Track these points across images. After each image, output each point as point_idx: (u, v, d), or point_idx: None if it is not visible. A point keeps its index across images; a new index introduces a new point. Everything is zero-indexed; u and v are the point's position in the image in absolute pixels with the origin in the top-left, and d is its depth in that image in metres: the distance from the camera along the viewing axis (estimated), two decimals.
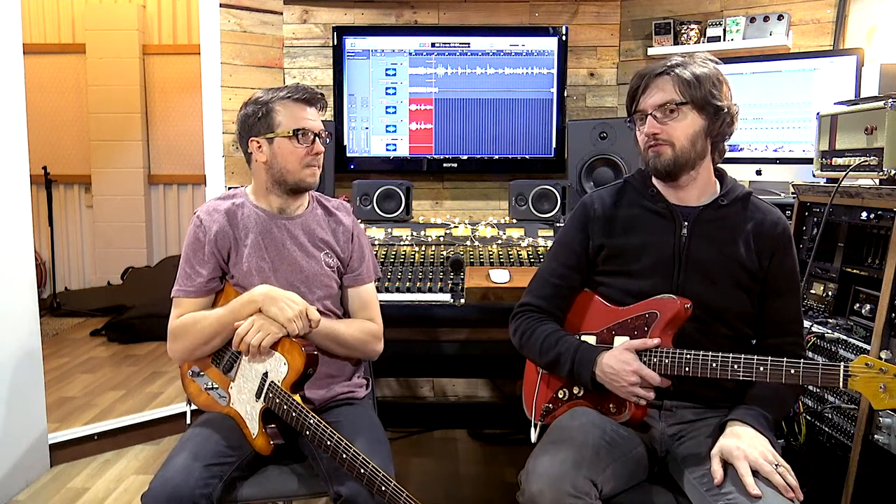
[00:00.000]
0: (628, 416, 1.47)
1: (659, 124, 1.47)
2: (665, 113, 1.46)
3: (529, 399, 1.65)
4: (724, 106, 1.47)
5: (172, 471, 1.46)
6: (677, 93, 1.45)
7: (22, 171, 2.56)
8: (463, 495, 2.58)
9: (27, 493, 2.55)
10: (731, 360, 1.37)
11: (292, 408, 1.51)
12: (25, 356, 2.59)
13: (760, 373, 1.34)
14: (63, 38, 5.37)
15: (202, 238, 1.68)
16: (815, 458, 1.77)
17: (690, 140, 1.47)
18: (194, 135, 5.04)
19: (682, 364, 1.41)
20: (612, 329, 1.53)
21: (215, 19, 2.94)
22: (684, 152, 1.47)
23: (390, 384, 3.26)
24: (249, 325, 1.55)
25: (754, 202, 1.55)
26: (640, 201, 1.58)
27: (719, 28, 2.79)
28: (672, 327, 1.46)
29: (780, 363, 1.33)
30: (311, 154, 1.68)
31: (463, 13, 3.09)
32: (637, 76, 1.53)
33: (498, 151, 3.04)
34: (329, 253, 1.75)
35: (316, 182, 1.73)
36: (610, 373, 1.44)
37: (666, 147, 1.47)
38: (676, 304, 1.45)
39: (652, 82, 1.49)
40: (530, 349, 1.60)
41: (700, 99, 1.45)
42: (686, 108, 1.46)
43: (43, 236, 5.19)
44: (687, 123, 1.46)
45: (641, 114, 1.51)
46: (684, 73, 1.46)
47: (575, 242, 1.61)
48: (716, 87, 1.46)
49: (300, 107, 1.68)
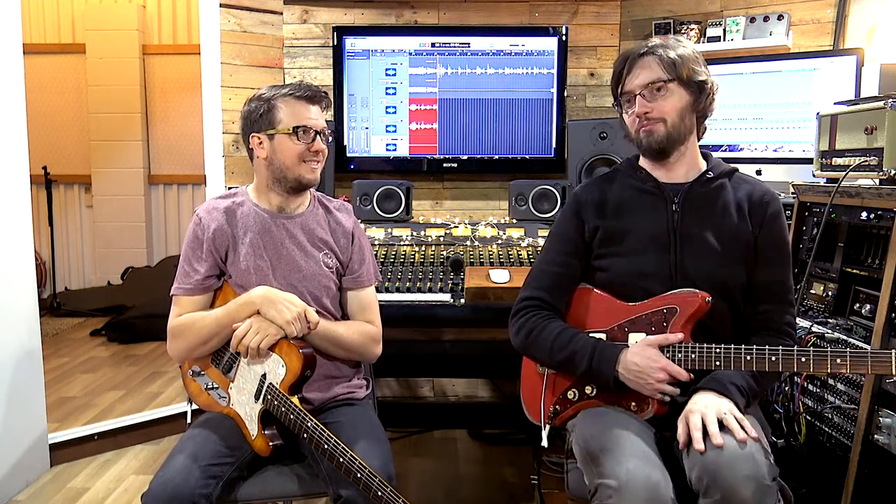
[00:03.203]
0: (651, 413, 1.44)
1: (648, 103, 1.49)
2: (652, 91, 1.48)
3: (533, 402, 1.61)
4: (707, 81, 1.50)
5: (172, 471, 1.46)
6: (663, 71, 1.48)
7: (22, 171, 2.56)
8: (463, 495, 2.58)
9: (27, 493, 2.55)
10: (767, 352, 1.33)
11: (290, 410, 1.51)
12: (25, 356, 2.59)
13: (802, 363, 1.30)
14: (63, 38, 5.37)
15: (200, 236, 1.68)
16: (815, 458, 1.77)
17: (679, 115, 1.50)
18: (194, 135, 5.04)
19: (710, 358, 1.38)
20: (624, 326, 1.50)
21: (215, 19, 2.94)
22: (675, 127, 1.50)
23: (390, 384, 3.26)
24: (247, 327, 1.55)
25: (740, 176, 1.58)
26: (629, 183, 1.59)
27: (719, 28, 2.79)
28: (692, 321, 1.44)
29: (825, 353, 1.28)
30: (311, 151, 1.67)
31: (463, 13, 3.09)
32: (620, 59, 1.55)
33: (498, 151, 3.04)
34: (328, 253, 1.75)
35: (316, 179, 1.72)
36: (635, 370, 1.41)
37: (658, 124, 1.49)
38: (697, 297, 1.43)
39: (636, 63, 1.51)
40: (538, 348, 1.56)
41: (685, 76, 1.48)
42: (673, 84, 1.48)
43: (43, 236, 5.19)
44: (675, 99, 1.49)
45: (629, 95, 1.52)
46: (667, 52, 1.49)
47: (570, 229, 1.60)
48: (696, 64, 1.50)
49: (302, 104, 1.67)
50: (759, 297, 1.52)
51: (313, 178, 1.70)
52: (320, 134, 1.69)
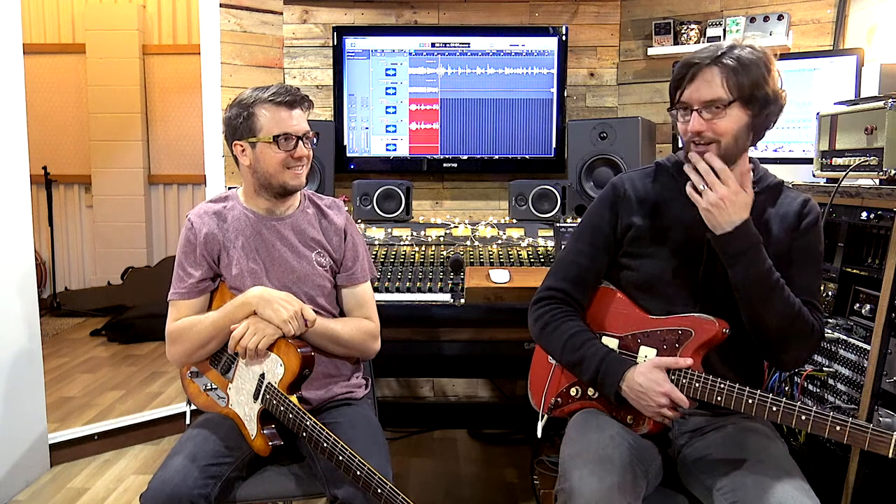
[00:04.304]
0: (646, 429, 1.44)
1: (704, 121, 1.39)
2: (711, 110, 1.38)
3: (537, 389, 1.62)
4: (770, 98, 1.39)
5: (171, 471, 1.46)
6: (725, 89, 1.36)
7: (22, 171, 2.56)
8: (463, 495, 2.58)
9: (27, 493, 2.55)
10: (769, 402, 1.29)
11: (289, 409, 1.51)
12: (25, 356, 2.59)
13: (801, 421, 1.25)
14: (63, 38, 5.37)
15: (193, 240, 1.69)
16: (815, 458, 1.77)
17: (734, 136, 1.40)
18: (194, 135, 5.04)
19: (713, 392, 1.35)
20: (637, 337, 1.48)
21: (215, 19, 2.94)
22: (728, 149, 1.40)
23: (390, 384, 3.26)
24: (245, 327, 1.55)
25: (786, 191, 1.51)
26: (671, 184, 1.52)
27: (719, 28, 2.79)
28: (704, 348, 1.41)
29: (825, 416, 1.22)
30: (294, 158, 1.65)
31: (463, 13, 3.09)
32: (684, 64, 1.42)
33: (498, 151, 3.04)
34: (321, 252, 1.74)
35: (301, 184, 1.69)
36: (638, 391, 1.40)
37: (711, 146, 1.40)
38: (715, 326, 1.40)
39: (699, 74, 1.39)
40: (551, 343, 1.56)
41: (748, 92, 1.37)
42: (734, 104, 1.37)
43: (43, 236, 5.19)
44: (732, 121, 1.38)
45: (686, 105, 1.41)
46: (734, 64, 1.36)
47: (603, 222, 1.56)
48: (764, 78, 1.38)
49: (282, 110, 1.63)
50: None
51: (298, 183, 1.68)
52: (302, 139, 1.66)
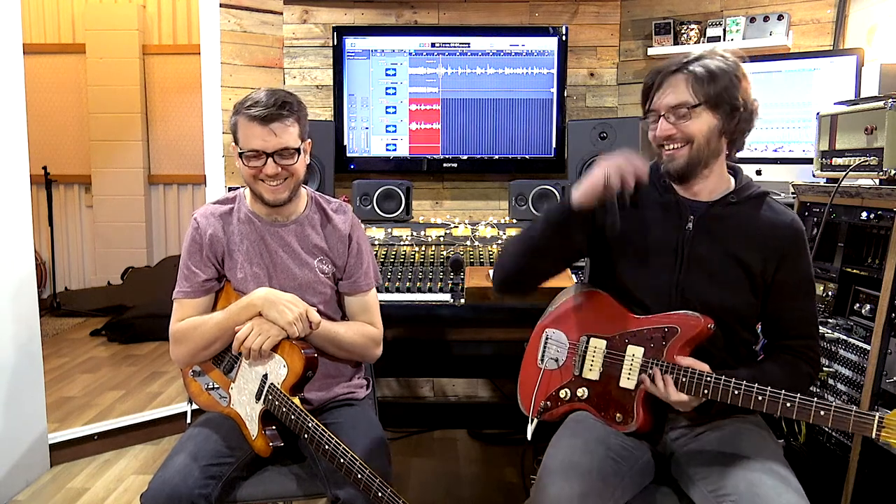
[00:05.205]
0: (635, 426, 1.44)
1: (672, 125, 1.42)
2: (678, 115, 1.41)
3: (526, 393, 1.62)
4: (739, 104, 1.41)
5: (171, 471, 1.46)
6: (690, 93, 1.40)
7: (22, 171, 2.56)
8: (463, 495, 2.58)
9: (27, 493, 2.55)
10: (755, 391, 1.30)
11: (291, 410, 1.51)
12: (25, 356, 2.59)
13: (787, 408, 1.26)
14: (63, 38, 5.37)
15: (199, 241, 1.68)
16: (815, 458, 1.78)
17: (706, 138, 1.42)
18: (194, 135, 5.03)
19: (700, 385, 1.35)
20: (625, 336, 1.49)
21: (215, 19, 2.94)
22: (699, 150, 1.42)
23: (390, 384, 3.26)
24: (249, 328, 1.55)
25: (769, 203, 1.50)
26: (648, 192, 1.53)
27: (719, 28, 2.79)
28: (691, 345, 1.42)
29: (810, 402, 1.24)
30: (263, 174, 1.59)
31: (463, 13, 3.09)
32: (652, 72, 1.47)
33: (498, 151, 3.04)
34: (324, 259, 1.72)
35: (278, 199, 1.63)
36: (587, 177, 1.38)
37: (682, 148, 1.43)
38: (700, 322, 1.40)
39: (666, 80, 1.43)
40: (509, 249, 1.57)
41: (714, 98, 1.40)
42: (700, 108, 1.40)
43: (43, 236, 5.19)
44: (701, 123, 1.41)
45: (655, 113, 1.46)
46: (699, 70, 1.40)
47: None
48: (733, 84, 1.41)
49: (254, 125, 1.56)
50: (780, 330, 1.50)
51: (273, 198, 1.62)
52: (274, 156, 1.57)
